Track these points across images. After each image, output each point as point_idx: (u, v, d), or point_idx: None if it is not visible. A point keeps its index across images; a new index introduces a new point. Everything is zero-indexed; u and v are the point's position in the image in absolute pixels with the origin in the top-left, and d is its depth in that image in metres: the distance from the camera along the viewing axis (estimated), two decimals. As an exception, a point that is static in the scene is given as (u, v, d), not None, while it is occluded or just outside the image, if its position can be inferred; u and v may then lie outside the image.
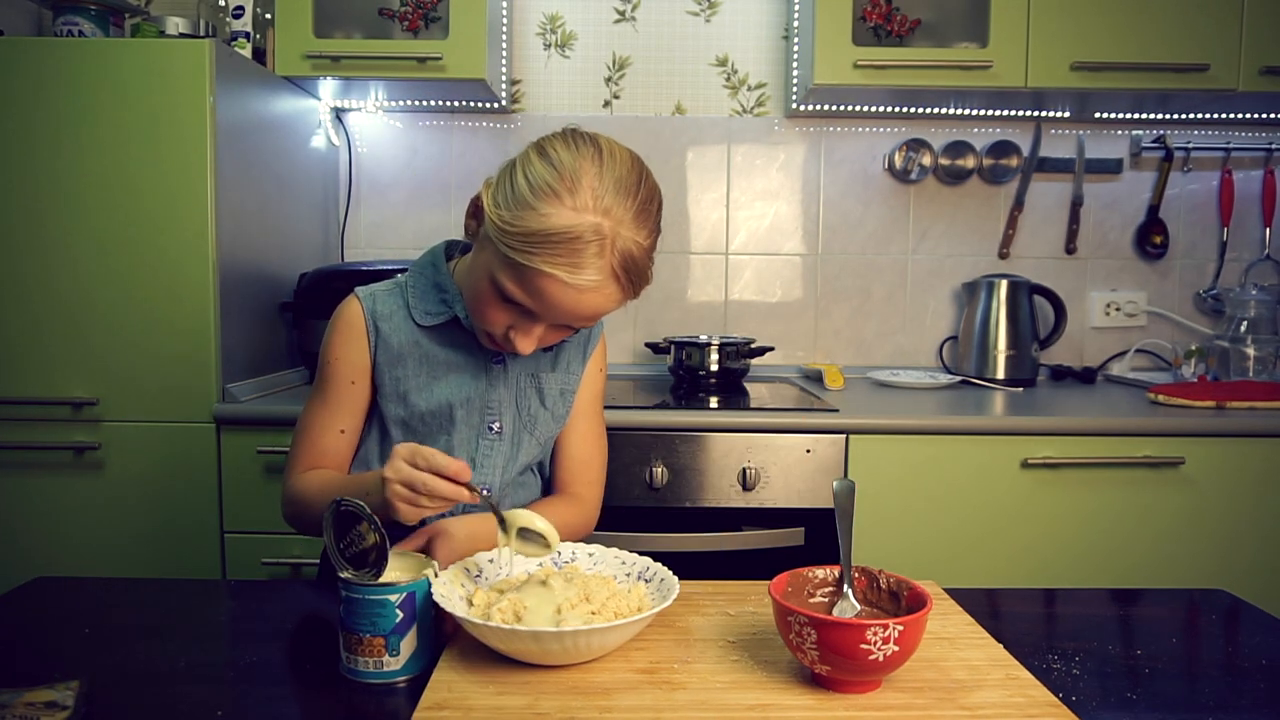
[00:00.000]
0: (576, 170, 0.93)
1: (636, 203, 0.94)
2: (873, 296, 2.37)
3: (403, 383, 1.09)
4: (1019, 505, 1.73)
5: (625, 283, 0.95)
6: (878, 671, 0.74)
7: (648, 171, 0.99)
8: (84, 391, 1.69)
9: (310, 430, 1.10)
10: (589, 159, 0.94)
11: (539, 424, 1.14)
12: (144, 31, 1.83)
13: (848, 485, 0.87)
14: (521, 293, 0.95)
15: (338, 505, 0.81)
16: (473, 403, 1.10)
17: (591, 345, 1.20)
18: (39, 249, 1.67)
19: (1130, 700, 0.77)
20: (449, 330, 1.10)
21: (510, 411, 1.13)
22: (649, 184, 0.98)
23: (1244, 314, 2.19)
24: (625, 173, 0.95)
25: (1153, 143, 2.33)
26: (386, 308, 1.10)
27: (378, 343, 1.09)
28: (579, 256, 0.91)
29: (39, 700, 0.70)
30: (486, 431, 1.11)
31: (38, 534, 1.71)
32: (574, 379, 1.17)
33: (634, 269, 0.95)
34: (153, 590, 1.03)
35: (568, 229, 0.90)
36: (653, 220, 0.98)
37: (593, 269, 0.92)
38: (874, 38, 2.14)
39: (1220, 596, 1.04)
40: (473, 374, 1.10)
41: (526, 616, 0.81)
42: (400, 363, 1.09)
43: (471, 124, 2.32)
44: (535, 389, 1.14)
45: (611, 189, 0.93)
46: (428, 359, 1.09)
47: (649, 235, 0.97)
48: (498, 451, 1.12)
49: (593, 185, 0.92)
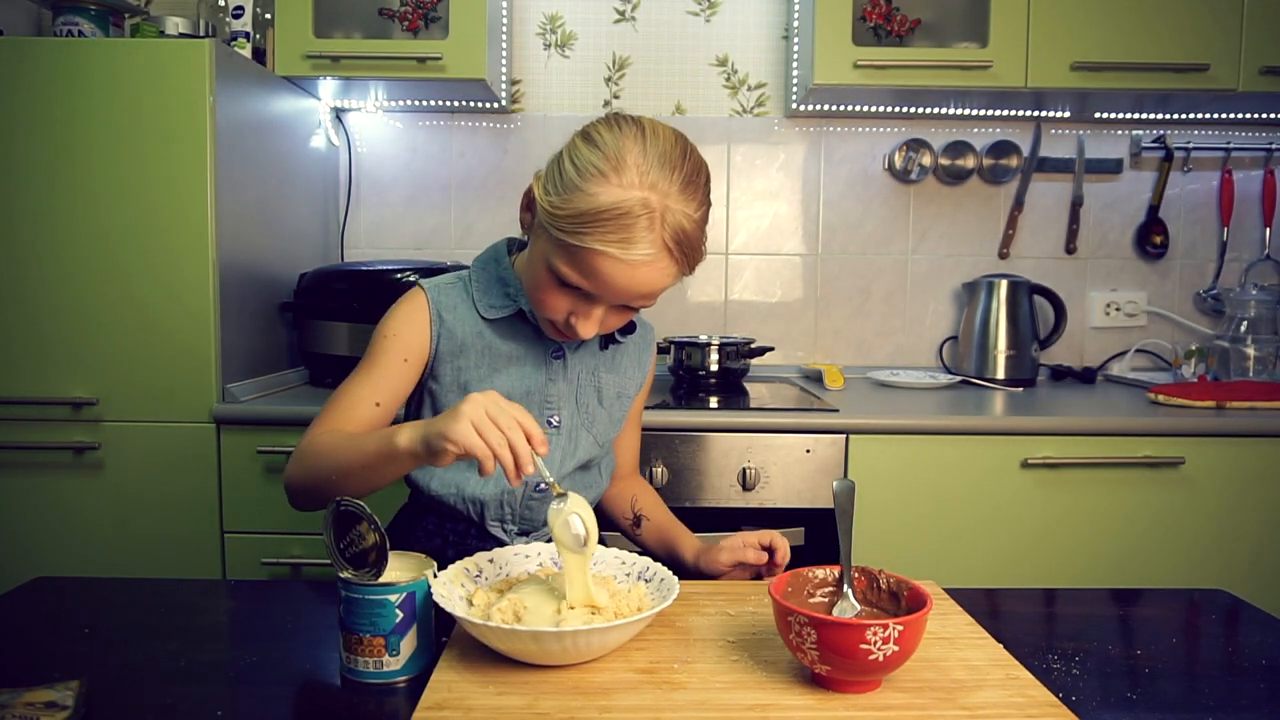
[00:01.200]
0: (620, 149, 0.94)
1: (682, 176, 0.96)
2: (873, 296, 2.37)
3: (464, 373, 1.10)
4: (1019, 505, 1.73)
5: (679, 256, 0.97)
6: (878, 671, 0.74)
7: (692, 147, 1.01)
8: (84, 391, 1.69)
9: (346, 396, 1.08)
10: (632, 138, 0.96)
11: (596, 422, 1.16)
12: (144, 31, 1.83)
13: (848, 485, 0.87)
14: (577, 275, 0.97)
15: (338, 505, 0.81)
16: (532, 395, 1.12)
17: (646, 351, 1.22)
18: (39, 249, 1.67)
19: (1130, 700, 0.77)
20: (512, 323, 1.11)
21: (569, 406, 1.14)
22: (694, 158, 0.99)
23: (1244, 314, 2.19)
24: (669, 148, 0.97)
25: (1153, 143, 2.33)
26: (450, 299, 1.12)
27: (441, 332, 1.10)
28: (630, 231, 0.93)
29: (39, 700, 0.70)
30: (545, 425, 1.12)
31: (38, 534, 1.71)
32: (630, 384, 1.19)
33: (686, 241, 0.96)
34: (153, 590, 1.03)
35: (616, 205, 0.92)
36: (701, 193, 0.99)
37: (645, 243, 0.93)
38: (874, 38, 2.14)
39: (1220, 596, 1.04)
40: (533, 367, 1.12)
41: (526, 616, 0.81)
42: (463, 353, 1.10)
43: (471, 124, 2.32)
44: (594, 387, 1.16)
45: (656, 164, 0.94)
46: (490, 350, 1.11)
47: (698, 207, 0.98)
48: (555, 445, 1.13)
49: (637, 162, 0.94)
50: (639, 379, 1.22)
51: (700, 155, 1.02)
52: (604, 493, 1.24)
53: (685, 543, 1.17)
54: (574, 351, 1.14)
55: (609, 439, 1.19)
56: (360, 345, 1.90)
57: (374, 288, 1.91)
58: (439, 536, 1.14)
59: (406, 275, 1.91)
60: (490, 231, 2.32)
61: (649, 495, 1.30)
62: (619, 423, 1.20)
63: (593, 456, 1.16)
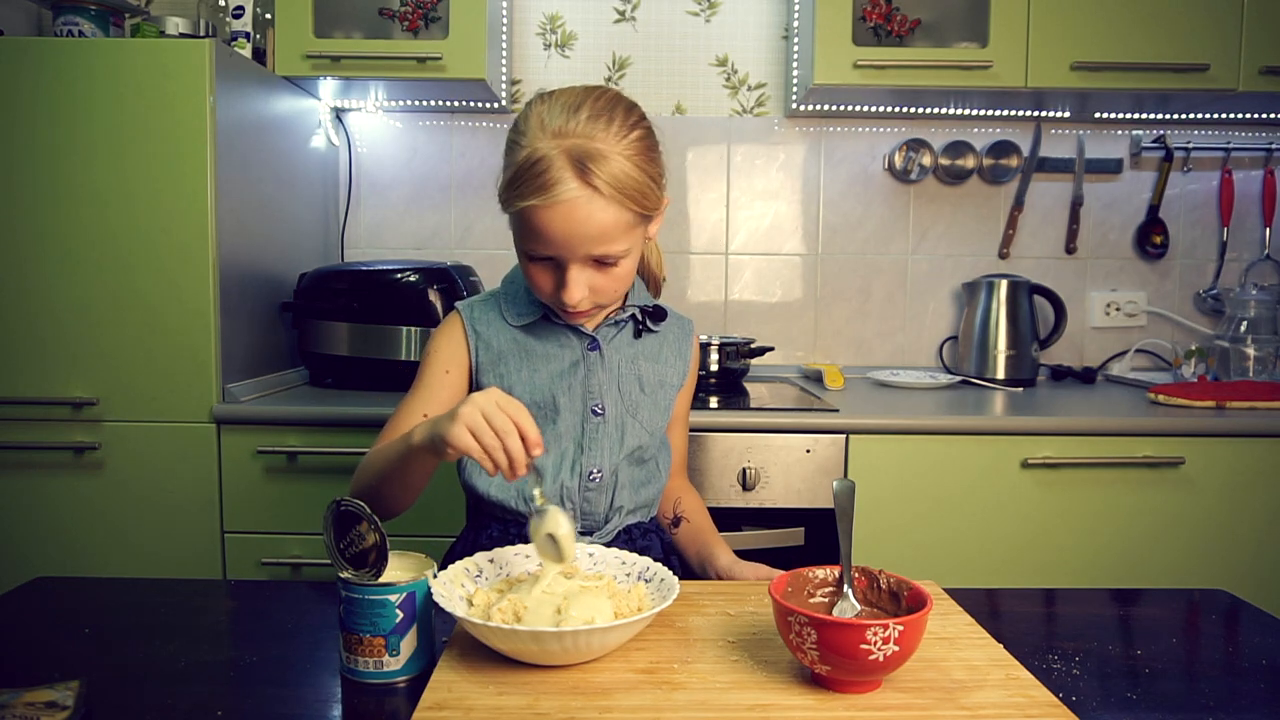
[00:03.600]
0: (525, 116, 1.01)
1: (589, 113, 0.98)
2: (873, 296, 2.37)
3: (506, 378, 1.13)
4: (1019, 505, 1.73)
5: (608, 189, 0.97)
6: (878, 671, 0.74)
7: (609, 91, 1.04)
8: (84, 391, 1.69)
9: (397, 414, 1.13)
10: (535, 103, 1.02)
11: (642, 410, 1.16)
12: (144, 31, 1.83)
13: (847, 485, 0.87)
14: (530, 241, 1.01)
15: (337, 505, 0.81)
16: (574, 389, 1.13)
17: (686, 342, 1.24)
18: (39, 249, 1.67)
19: (1130, 700, 0.77)
20: (544, 326, 1.15)
21: (612, 394, 1.15)
22: (606, 98, 1.02)
23: (1244, 314, 2.19)
24: (571, 98, 1.00)
25: (1153, 143, 2.33)
26: (483, 314, 1.17)
27: (478, 345, 1.15)
28: (545, 177, 0.96)
29: (39, 700, 0.70)
30: (590, 415, 1.13)
31: (38, 534, 1.71)
32: (672, 372, 1.21)
33: (607, 170, 0.97)
34: (153, 590, 1.03)
35: (526, 159, 0.97)
36: (617, 124, 0.99)
37: (562, 184, 0.96)
38: (874, 38, 2.14)
39: (1220, 596, 1.04)
40: (572, 362, 1.14)
41: (526, 616, 0.81)
42: (502, 360, 1.14)
43: (471, 124, 2.32)
44: (635, 376, 1.17)
45: (558, 113, 0.98)
46: (527, 352, 1.14)
47: (617, 137, 0.98)
48: (603, 434, 1.13)
49: (540, 118, 0.99)
50: (680, 369, 1.22)
51: (624, 98, 1.04)
52: (663, 489, 1.23)
53: (720, 554, 1.16)
54: (609, 343, 1.16)
55: (658, 427, 1.18)
56: (360, 345, 1.90)
57: (374, 288, 1.91)
58: (504, 542, 1.13)
59: (406, 275, 1.91)
60: (490, 231, 2.32)
61: (693, 499, 1.30)
62: (665, 411, 1.20)
63: (642, 444, 1.16)
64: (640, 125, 1.03)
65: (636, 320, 1.18)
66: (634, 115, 1.03)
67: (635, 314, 1.18)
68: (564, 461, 1.12)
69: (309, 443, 1.70)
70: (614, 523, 1.15)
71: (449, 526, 1.63)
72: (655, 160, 1.03)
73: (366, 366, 1.91)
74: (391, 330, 1.89)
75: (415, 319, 1.89)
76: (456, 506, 1.60)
